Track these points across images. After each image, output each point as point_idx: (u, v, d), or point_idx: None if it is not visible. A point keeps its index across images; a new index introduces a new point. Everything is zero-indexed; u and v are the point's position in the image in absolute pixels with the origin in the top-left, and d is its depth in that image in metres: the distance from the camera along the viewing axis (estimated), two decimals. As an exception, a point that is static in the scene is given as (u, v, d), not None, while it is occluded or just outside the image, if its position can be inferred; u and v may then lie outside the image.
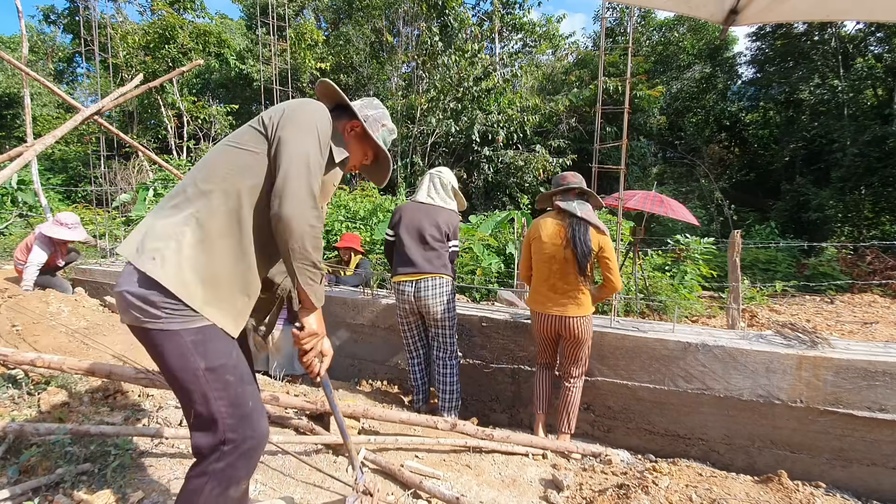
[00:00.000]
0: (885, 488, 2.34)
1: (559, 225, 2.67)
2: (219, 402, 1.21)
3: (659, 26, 18.24)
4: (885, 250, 8.69)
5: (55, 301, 3.64)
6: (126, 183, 12.27)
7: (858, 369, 2.33)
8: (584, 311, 2.63)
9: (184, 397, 1.24)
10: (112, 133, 5.39)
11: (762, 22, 1.57)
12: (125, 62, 13.63)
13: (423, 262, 2.88)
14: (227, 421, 1.22)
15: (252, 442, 1.25)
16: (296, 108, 1.35)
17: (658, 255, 7.04)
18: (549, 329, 2.70)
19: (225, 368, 1.22)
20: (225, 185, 1.26)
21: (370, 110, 1.58)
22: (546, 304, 2.69)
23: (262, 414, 1.30)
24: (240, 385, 1.25)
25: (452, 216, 3.03)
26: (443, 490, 2.06)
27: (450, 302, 2.91)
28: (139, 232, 1.24)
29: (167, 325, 1.16)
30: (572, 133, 14.32)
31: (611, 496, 2.12)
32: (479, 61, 12.31)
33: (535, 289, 2.78)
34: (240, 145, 1.31)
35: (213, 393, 1.20)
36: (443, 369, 2.95)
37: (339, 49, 15.38)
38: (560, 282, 2.64)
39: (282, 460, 2.26)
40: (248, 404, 1.26)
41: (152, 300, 1.15)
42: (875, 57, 13.74)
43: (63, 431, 2.00)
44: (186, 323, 1.18)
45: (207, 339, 1.20)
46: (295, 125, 1.30)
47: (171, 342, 1.17)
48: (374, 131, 1.58)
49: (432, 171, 3.13)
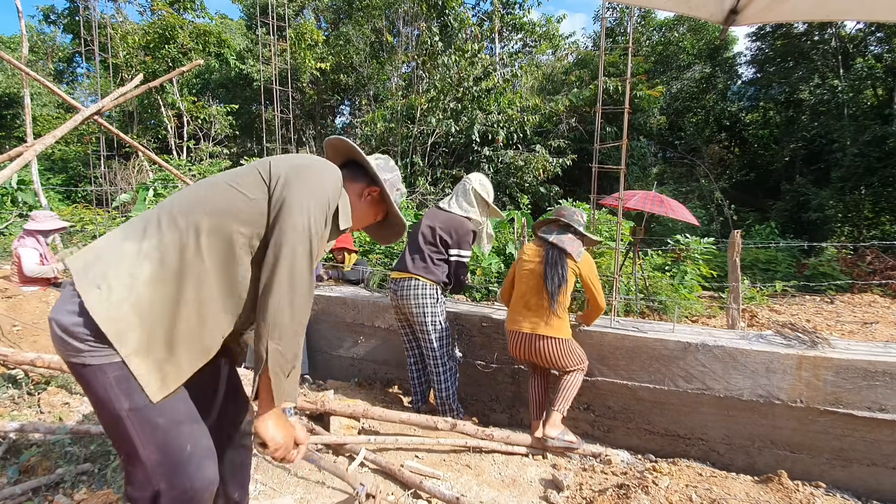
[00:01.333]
0: (885, 488, 2.34)
1: (538, 247, 2.71)
2: (146, 449, 1.05)
3: (659, 26, 18.24)
4: (885, 250, 8.69)
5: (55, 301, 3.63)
6: (126, 183, 12.27)
7: (858, 369, 2.33)
8: (557, 332, 2.58)
9: (113, 441, 1.11)
10: (112, 133, 5.39)
11: (762, 22, 1.57)
12: (125, 62, 13.63)
13: (409, 263, 2.88)
14: (157, 470, 1.06)
15: (189, 494, 1.09)
16: (308, 166, 1.23)
17: (658, 255, 7.04)
18: (521, 349, 2.66)
19: (151, 409, 1.04)
20: (208, 221, 1.12)
21: (387, 174, 1.47)
22: (518, 320, 2.67)
23: (203, 458, 1.13)
24: (173, 428, 1.08)
25: (463, 224, 2.88)
26: (443, 490, 2.06)
27: (428, 306, 2.83)
28: (93, 250, 1.11)
29: (89, 359, 1.02)
30: (572, 133, 14.31)
31: (611, 496, 2.12)
32: (479, 61, 12.30)
33: (511, 308, 2.77)
34: (238, 187, 1.18)
35: (140, 438, 1.05)
36: (434, 371, 2.92)
37: (339, 49, 15.38)
38: (534, 298, 2.62)
39: (282, 460, 2.26)
40: (184, 449, 1.09)
41: (76, 332, 1.01)
42: (875, 57, 13.74)
43: (63, 431, 2.00)
44: (110, 357, 1.02)
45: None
46: (303, 186, 1.17)
47: (94, 378, 1.03)
48: (390, 193, 1.46)
49: (465, 177, 3.05)
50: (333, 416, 2.50)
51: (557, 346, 2.59)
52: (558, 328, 2.59)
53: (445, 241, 2.88)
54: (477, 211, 2.95)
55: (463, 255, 2.91)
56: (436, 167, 12.66)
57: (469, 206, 2.93)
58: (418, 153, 12.51)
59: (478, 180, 2.99)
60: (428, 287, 2.83)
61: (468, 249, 2.92)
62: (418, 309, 2.83)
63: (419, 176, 12.21)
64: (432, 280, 2.84)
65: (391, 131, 12.64)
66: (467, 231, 2.89)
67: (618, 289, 3.39)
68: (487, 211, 3.02)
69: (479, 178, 3.02)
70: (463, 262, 2.91)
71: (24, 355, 2.47)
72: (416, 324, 2.89)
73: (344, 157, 1.48)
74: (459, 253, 2.89)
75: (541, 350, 2.60)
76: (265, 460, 2.18)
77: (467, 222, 2.89)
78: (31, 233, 4.26)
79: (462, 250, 2.90)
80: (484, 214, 3.02)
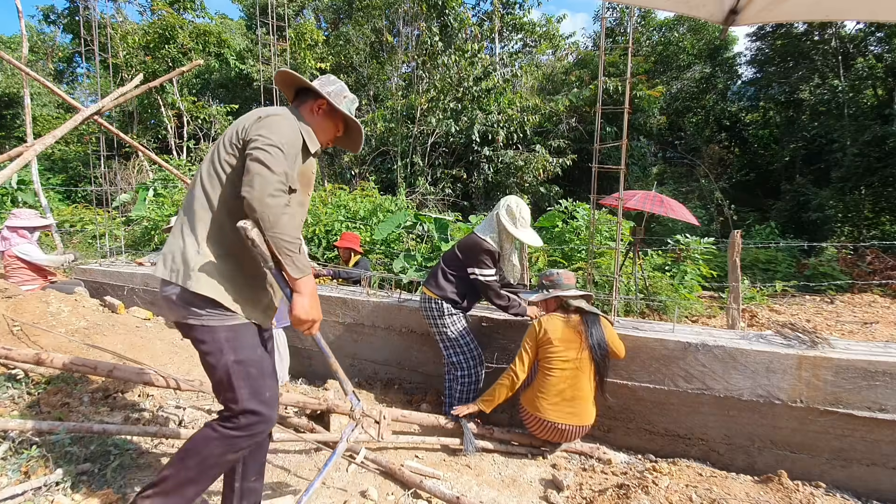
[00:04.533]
0: (885, 488, 2.34)
1: (568, 322, 2.58)
2: (242, 390, 1.44)
3: (659, 26, 18.25)
4: (885, 250, 8.68)
5: (55, 301, 3.63)
6: (126, 183, 12.27)
7: (858, 369, 2.33)
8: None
9: (216, 384, 1.48)
10: (112, 133, 5.39)
11: (762, 22, 1.57)
12: (125, 62, 13.63)
13: (426, 278, 3.04)
14: (248, 403, 1.44)
15: (265, 421, 1.47)
16: (266, 116, 1.47)
17: (658, 255, 7.03)
18: (570, 437, 2.60)
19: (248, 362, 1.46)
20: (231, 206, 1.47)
21: (329, 87, 1.68)
22: (566, 413, 2.55)
23: (275, 401, 1.52)
24: (261, 378, 1.47)
25: (477, 243, 2.81)
26: (443, 490, 2.06)
27: (435, 319, 2.89)
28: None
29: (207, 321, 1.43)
30: (572, 133, 14.31)
31: (611, 496, 2.12)
32: (479, 61, 12.31)
33: (545, 399, 2.56)
34: (221, 166, 1.48)
35: (238, 382, 1.43)
36: (445, 377, 3.04)
37: (339, 49, 15.37)
38: (580, 392, 2.55)
39: (282, 459, 2.26)
40: (265, 393, 1.48)
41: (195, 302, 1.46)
42: (875, 57, 13.74)
43: (63, 431, 2.00)
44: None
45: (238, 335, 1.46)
46: (266, 127, 1.42)
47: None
48: (338, 104, 1.67)
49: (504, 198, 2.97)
50: (334, 416, 2.50)
51: (584, 431, 2.61)
52: (591, 415, 2.58)
53: (459, 258, 2.90)
54: (496, 237, 2.85)
55: (480, 275, 2.82)
56: (436, 167, 12.66)
57: (490, 230, 2.86)
58: (418, 153, 12.51)
59: (505, 206, 2.85)
60: (432, 301, 2.91)
61: (486, 268, 2.82)
62: (428, 321, 2.97)
63: (419, 176, 12.21)
64: (437, 295, 2.89)
65: (391, 131, 12.64)
66: (481, 251, 2.81)
67: (618, 289, 3.39)
68: (511, 238, 2.86)
69: (509, 203, 2.85)
70: (483, 282, 2.82)
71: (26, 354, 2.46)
72: (430, 332, 3.05)
73: (293, 86, 1.72)
74: (474, 272, 2.83)
75: (568, 435, 2.58)
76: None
77: (483, 242, 2.81)
78: (14, 230, 4.20)
79: (477, 269, 2.82)
80: (507, 241, 2.88)
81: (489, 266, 2.82)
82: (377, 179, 11.53)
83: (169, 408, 2.53)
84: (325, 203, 7.48)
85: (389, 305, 3.55)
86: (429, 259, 5.56)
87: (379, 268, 5.56)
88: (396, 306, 3.52)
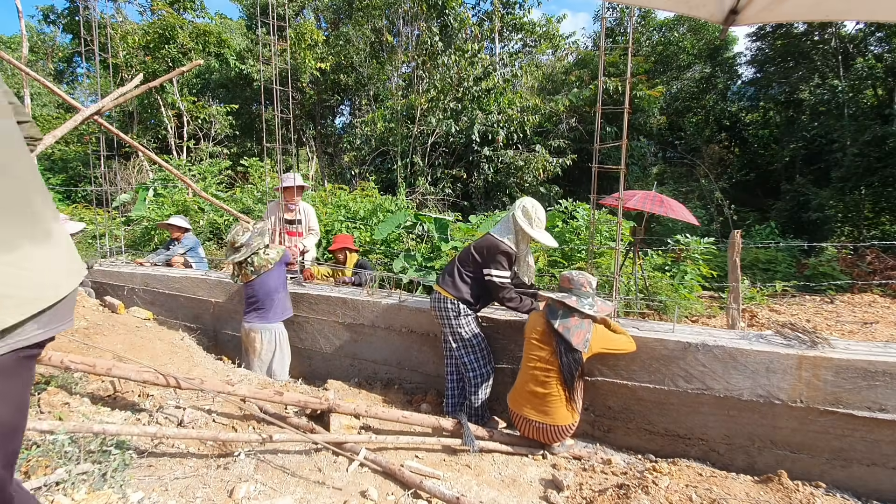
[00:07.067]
0: (885, 488, 2.34)
1: (545, 330, 2.61)
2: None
3: (659, 26, 18.24)
4: (885, 250, 8.68)
5: (55, 301, 3.63)
6: (126, 183, 12.28)
7: (858, 369, 2.33)
8: (563, 420, 2.58)
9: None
10: (112, 133, 5.38)
11: (762, 22, 1.57)
12: (125, 62, 13.63)
13: (440, 278, 3.05)
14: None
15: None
16: None
17: (658, 255, 7.04)
18: (528, 431, 2.66)
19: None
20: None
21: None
22: (523, 405, 2.65)
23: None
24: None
25: (495, 244, 2.84)
26: (443, 490, 2.06)
27: (450, 319, 2.91)
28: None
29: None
30: (572, 133, 14.31)
31: (611, 496, 2.12)
32: (479, 61, 12.30)
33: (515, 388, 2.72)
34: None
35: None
36: (447, 377, 3.08)
37: (339, 49, 15.37)
38: (540, 387, 2.58)
39: (282, 459, 2.26)
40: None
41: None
42: (875, 57, 13.73)
43: (63, 431, 2.00)
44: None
45: None
46: None
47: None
48: None
49: (518, 200, 3.01)
50: (334, 416, 2.50)
51: (560, 432, 2.59)
52: (564, 416, 2.56)
53: (477, 260, 2.90)
54: (513, 238, 2.87)
55: (494, 276, 2.84)
56: (436, 167, 12.65)
57: (507, 231, 2.88)
58: (418, 153, 12.51)
59: (521, 206, 2.89)
60: (448, 301, 2.92)
61: (502, 270, 2.84)
62: (439, 320, 3.00)
63: (419, 176, 12.21)
64: (453, 295, 2.91)
65: (391, 131, 12.64)
66: (499, 252, 2.83)
67: (618, 289, 3.38)
68: (527, 239, 2.92)
69: (525, 204, 2.90)
70: (497, 284, 2.84)
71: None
72: (441, 332, 3.08)
73: None
74: (490, 273, 2.84)
75: (543, 434, 2.60)
76: (264, 461, 2.18)
77: (501, 244, 2.84)
78: None
79: (494, 270, 2.84)
80: (523, 242, 2.92)
81: (505, 268, 2.86)
82: (377, 179, 11.53)
83: (169, 408, 2.53)
84: (325, 203, 7.48)
85: (389, 305, 3.55)
86: (429, 259, 5.55)
87: (379, 268, 5.56)
88: (396, 306, 3.52)
